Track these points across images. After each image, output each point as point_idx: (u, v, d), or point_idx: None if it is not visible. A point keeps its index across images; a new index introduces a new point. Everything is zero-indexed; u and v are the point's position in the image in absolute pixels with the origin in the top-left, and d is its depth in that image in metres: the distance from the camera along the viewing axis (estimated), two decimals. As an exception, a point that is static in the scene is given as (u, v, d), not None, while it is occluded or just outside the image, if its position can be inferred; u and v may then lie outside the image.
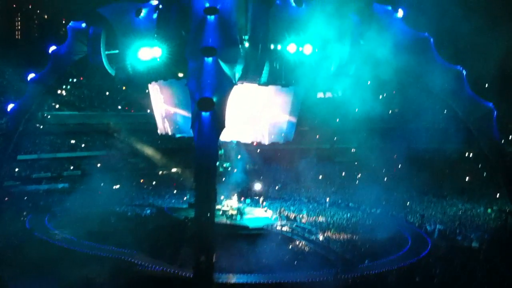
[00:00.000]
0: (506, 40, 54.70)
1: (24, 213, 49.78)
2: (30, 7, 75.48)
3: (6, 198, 52.61)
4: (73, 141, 69.20)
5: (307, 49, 40.29)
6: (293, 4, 40.07)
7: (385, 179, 65.58)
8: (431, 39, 40.90)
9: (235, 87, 36.63)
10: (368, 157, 66.57)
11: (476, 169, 64.96)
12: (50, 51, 47.06)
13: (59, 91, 68.03)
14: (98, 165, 66.86)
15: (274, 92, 42.96)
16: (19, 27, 75.44)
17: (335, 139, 74.37)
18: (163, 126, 45.67)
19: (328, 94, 46.38)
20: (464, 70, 40.57)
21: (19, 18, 75.63)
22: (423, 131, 55.27)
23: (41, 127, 64.11)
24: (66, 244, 40.97)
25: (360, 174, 67.62)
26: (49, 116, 66.56)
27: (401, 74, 42.80)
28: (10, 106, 50.43)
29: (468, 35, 55.10)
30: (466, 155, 69.27)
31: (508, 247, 39.80)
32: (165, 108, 44.66)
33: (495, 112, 40.85)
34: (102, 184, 61.01)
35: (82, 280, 32.67)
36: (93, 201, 51.90)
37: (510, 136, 65.66)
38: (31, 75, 48.70)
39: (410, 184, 61.53)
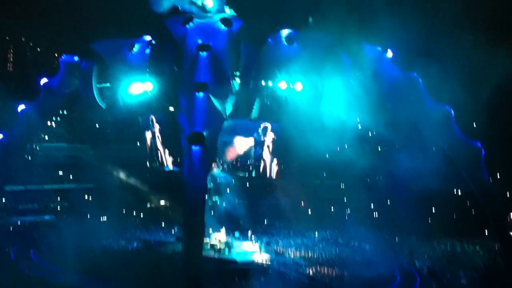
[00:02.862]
0: (493, 79, 55.71)
1: (9, 245, 49.05)
2: (23, 39, 75.90)
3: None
4: (61, 173, 68.80)
5: (298, 87, 40.92)
6: (284, 42, 40.87)
7: (374, 216, 65.72)
8: (420, 79, 41.68)
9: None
10: (358, 193, 66.81)
11: (464, 207, 65.24)
12: (41, 83, 47.30)
13: (49, 123, 67.95)
14: (86, 197, 66.49)
15: None
16: (11, 59, 75.71)
17: (324, 175, 74.54)
18: (153, 160, 45.82)
19: None
20: (452, 110, 41.25)
21: (11, 51, 75.92)
22: (412, 169, 55.61)
23: (30, 158, 63.80)
24: (51, 277, 40.39)
25: (349, 210, 67.66)
26: (38, 148, 66.31)
27: (390, 113, 43.45)
28: (-1, 137, 50.37)
29: (457, 73, 56.08)
30: (455, 193, 69.61)
31: (496, 285, 39.82)
32: (156, 141, 44.92)
33: (483, 151, 41.46)
34: (89, 217, 60.76)
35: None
36: (79, 233, 51.21)
37: (498, 175, 66.19)
38: (21, 107, 48.78)
39: (399, 221, 61.65)
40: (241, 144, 46.55)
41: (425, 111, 41.46)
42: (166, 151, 45.07)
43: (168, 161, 45.50)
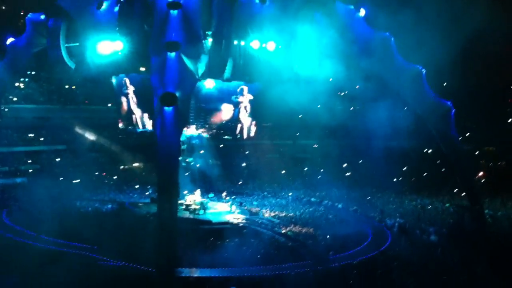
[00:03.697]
0: (465, 38, 56.14)
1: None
2: (-14, -2, 73.48)
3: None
4: (31, 135, 67.84)
5: (271, 46, 40.64)
6: (257, 0, 40.33)
7: (346, 175, 66.68)
8: (392, 38, 41.71)
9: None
10: (330, 153, 67.54)
11: (434, 165, 66.53)
12: (7, 42, 46.08)
13: (17, 84, 66.51)
14: (58, 159, 65.88)
15: None
16: (-25, 18, 73.25)
17: (297, 134, 74.96)
18: (125, 121, 45.44)
19: None
20: (423, 69, 41.50)
21: (-25, 9, 73.42)
22: (383, 128, 56.25)
23: (-1, 120, 62.80)
24: (25, 239, 40.18)
25: (322, 170, 68.46)
26: (6, 109, 65.08)
27: (363, 72, 43.58)
28: (-35, 99, 49.32)
29: (428, 31, 56.30)
30: (425, 151, 70.90)
31: (464, 241, 40.98)
32: (127, 102, 44.45)
33: (453, 110, 42.07)
34: (61, 179, 60.34)
35: (41, 276, 32.05)
36: (52, 195, 50.84)
37: (467, 134, 67.52)
38: (-12, 68, 47.58)
39: (370, 180, 62.70)
40: (226, 110, 46.10)
41: (396, 70, 41.64)
42: (140, 112, 44.58)
43: (141, 122, 45.08)
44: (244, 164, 70.44)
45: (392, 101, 51.61)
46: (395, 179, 62.03)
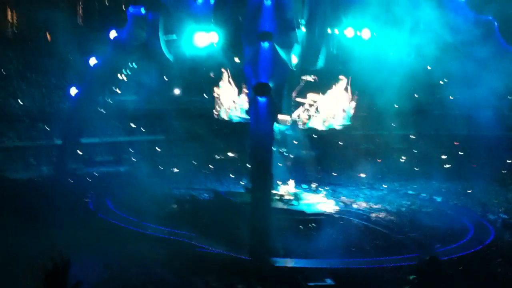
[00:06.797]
0: None
1: (88, 195, 51.06)
2: (91, -6, 76.96)
3: (71, 180, 54.33)
4: (133, 125, 70.47)
5: (365, 34, 39.72)
6: (350, -14, 39.63)
7: (446, 167, 64.10)
8: (496, 23, 39.36)
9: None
10: (428, 144, 65.18)
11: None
12: (111, 36, 48.16)
13: (119, 76, 69.24)
14: (157, 149, 68.26)
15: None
16: (81, 12, 76.81)
17: (393, 125, 72.88)
18: (221, 111, 46.19)
19: None
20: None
21: (81, 5, 76.93)
22: (485, 118, 53.37)
23: (103, 111, 65.62)
24: (126, 224, 41.98)
25: (419, 161, 66.26)
26: (110, 101, 68.03)
27: (463, 60, 41.44)
28: (72, 90, 52.16)
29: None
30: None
31: None
32: (223, 92, 45.17)
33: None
34: (161, 168, 62.53)
35: (141, 260, 33.34)
36: (152, 184, 52.76)
37: None
38: (93, 60, 50.07)
39: (472, 172, 59.83)
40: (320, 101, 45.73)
41: (500, 57, 39.18)
42: (235, 102, 45.08)
43: (237, 112, 45.67)
44: (338, 155, 69.50)
45: (496, 88, 48.67)
46: (498, 171, 58.79)
